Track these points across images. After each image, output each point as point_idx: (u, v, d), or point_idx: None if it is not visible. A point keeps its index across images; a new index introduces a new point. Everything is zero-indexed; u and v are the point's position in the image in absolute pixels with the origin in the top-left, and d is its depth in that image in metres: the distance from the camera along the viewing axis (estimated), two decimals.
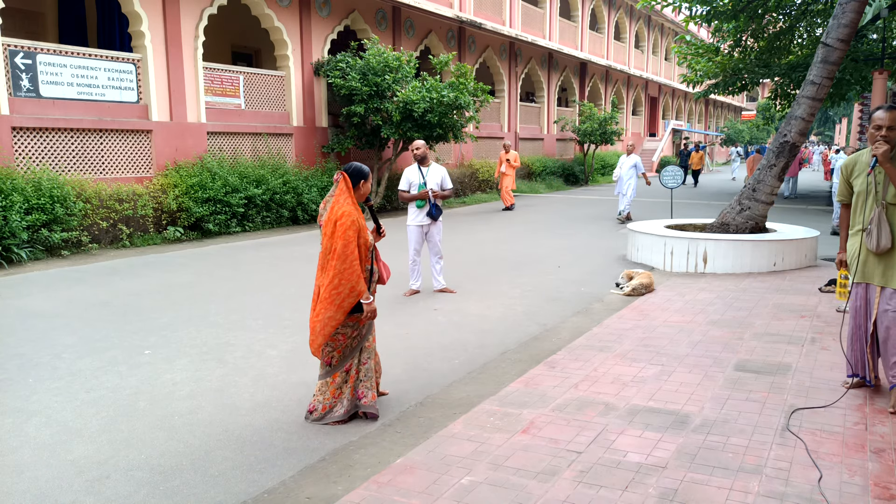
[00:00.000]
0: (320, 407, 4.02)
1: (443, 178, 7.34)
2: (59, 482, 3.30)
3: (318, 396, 4.04)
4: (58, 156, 10.66)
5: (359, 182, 4.04)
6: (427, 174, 7.28)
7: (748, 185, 9.24)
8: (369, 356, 4.10)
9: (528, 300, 7.15)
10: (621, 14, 32.73)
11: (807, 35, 18.88)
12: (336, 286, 3.80)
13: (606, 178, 28.03)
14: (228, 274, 8.62)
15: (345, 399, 4.03)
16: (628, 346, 5.38)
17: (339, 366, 4.02)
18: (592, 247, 10.86)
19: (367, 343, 4.08)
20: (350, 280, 3.80)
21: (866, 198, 4.10)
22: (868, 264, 4.14)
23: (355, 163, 4.10)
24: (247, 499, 3.17)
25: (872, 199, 4.07)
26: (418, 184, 7.23)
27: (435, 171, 7.31)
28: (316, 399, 4.05)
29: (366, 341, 4.08)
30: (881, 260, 4.07)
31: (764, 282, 7.89)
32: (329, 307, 3.82)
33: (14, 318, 6.41)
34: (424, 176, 7.26)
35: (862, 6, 8.11)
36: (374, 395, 4.11)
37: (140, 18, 11.60)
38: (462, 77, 14.89)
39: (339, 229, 3.82)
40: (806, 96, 8.55)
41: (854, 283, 4.26)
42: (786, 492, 3.08)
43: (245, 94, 13.76)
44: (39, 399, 4.37)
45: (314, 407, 4.04)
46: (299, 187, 13.40)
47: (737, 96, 29.69)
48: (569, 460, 3.42)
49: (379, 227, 4.27)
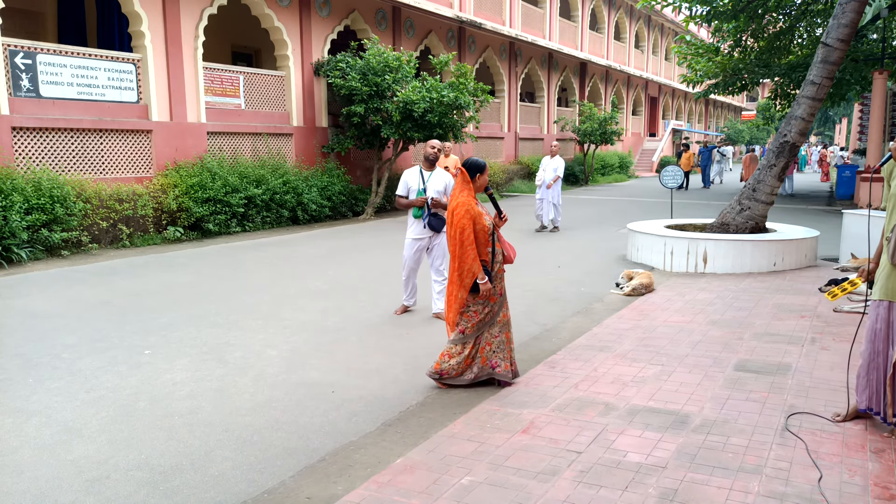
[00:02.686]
0: (453, 372, 4.48)
1: (446, 185, 6.30)
2: (59, 482, 3.30)
3: (449, 362, 4.48)
4: (58, 156, 10.66)
5: (475, 175, 4.49)
6: (429, 179, 6.30)
7: (748, 185, 9.24)
8: (501, 330, 4.52)
9: (528, 300, 7.14)
10: (621, 14, 32.74)
11: (807, 35, 18.89)
12: (457, 268, 4.39)
13: (606, 178, 28.05)
14: (228, 274, 8.62)
15: (475, 367, 4.51)
16: (628, 346, 5.38)
17: (471, 336, 4.47)
18: (592, 247, 10.86)
19: (499, 318, 4.52)
20: (466, 262, 4.34)
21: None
22: (891, 279, 3.51)
23: (472, 157, 4.55)
24: (247, 499, 3.17)
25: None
26: (417, 189, 6.29)
27: (438, 177, 6.32)
28: (448, 364, 4.48)
29: (498, 317, 4.51)
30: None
31: (764, 282, 7.89)
32: (454, 285, 4.43)
33: (14, 318, 6.41)
34: (425, 181, 6.31)
35: (862, 6, 8.11)
36: (507, 366, 4.51)
37: (140, 18, 11.59)
38: (462, 77, 14.88)
39: (455, 218, 4.36)
40: (806, 96, 8.55)
41: (875, 301, 3.63)
42: (786, 492, 3.08)
43: (245, 94, 13.76)
44: (39, 399, 4.37)
45: (445, 371, 4.48)
46: (299, 187, 13.40)
47: (737, 96, 29.53)
48: (569, 460, 3.42)
49: (500, 213, 4.62)
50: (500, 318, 4.53)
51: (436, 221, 6.23)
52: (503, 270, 4.58)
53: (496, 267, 4.48)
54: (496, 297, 4.49)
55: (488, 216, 4.52)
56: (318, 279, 8.23)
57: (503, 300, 4.55)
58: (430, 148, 6.38)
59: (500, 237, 4.56)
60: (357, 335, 5.85)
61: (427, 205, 6.23)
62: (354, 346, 5.52)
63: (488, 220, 4.48)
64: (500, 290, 4.53)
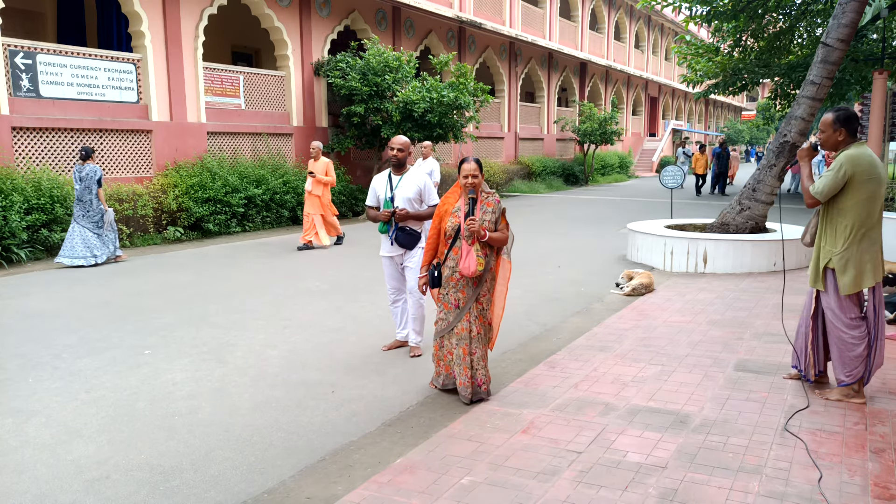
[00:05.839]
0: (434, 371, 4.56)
1: (420, 189, 5.09)
2: (59, 482, 3.30)
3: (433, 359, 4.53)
4: (58, 156, 10.66)
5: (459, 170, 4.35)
6: (397, 185, 5.12)
7: (748, 185, 9.25)
8: (458, 343, 4.24)
9: (528, 300, 7.14)
10: (621, 14, 32.73)
11: (807, 35, 18.87)
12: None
13: (606, 178, 28.06)
14: (228, 274, 8.62)
15: (442, 374, 4.45)
16: (628, 346, 5.38)
17: (435, 336, 4.42)
18: (592, 247, 10.86)
19: (456, 330, 4.27)
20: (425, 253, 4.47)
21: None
22: (811, 267, 4.24)
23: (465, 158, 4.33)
24: (247, 499, 3.17)
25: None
26: (384, 198, 5.17)
27: (409, 181, 5.11)
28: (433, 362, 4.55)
29: (455, 328, 4.27)
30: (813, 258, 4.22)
31: (764, 282, 7.89)
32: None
33: (14, 318, 6.41)
34: (393, 187, 5.13)
35: (862, 6, 8.10)
36: (462, 382, 4.24)
37: (140, 18, 11.59)
38: (462, 77, 14.89)
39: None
40: (806, 96, 8.55)
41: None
42: (786, 492, 3.08)
43: (245, 94, 13.76)
44: (39, 399, 4.37)
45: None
46: (299, 187, 13.39)
47: (737, 96, 29.46)
48: (569, 460, 3.42)
49: (466, 216, 4.20)
50: (459, 330, 4.22)
51: (404, 237, 5.07)
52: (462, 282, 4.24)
53: (447, 272, 4.28)
54: (449, 304, 4.27)
55: (455, 217, 4.26)
56: (318, 279, 8.23)
57: (460, 313, 4.22)
58: (389, 150, 5.19)
59: (467, 245, 4.15)
60: (357, 335, 5.85)
61: (392, 218, 5.08)
62: (354, 346, 5.52)
63: (452, 222, 4.26)
64: (455, 300, 4.25)
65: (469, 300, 4.24)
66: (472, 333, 4.23)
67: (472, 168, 4.21)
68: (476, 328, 4.23)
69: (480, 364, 4.24)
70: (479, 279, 4.25)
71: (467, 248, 4.15)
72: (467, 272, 4.13)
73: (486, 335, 4.33)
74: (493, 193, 4.36)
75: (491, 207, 4.27)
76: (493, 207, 4.28)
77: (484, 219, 4.22)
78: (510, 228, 4.37)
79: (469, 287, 4.25)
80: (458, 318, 4.24)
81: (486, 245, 4.23)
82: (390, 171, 5.23)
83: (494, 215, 4.27)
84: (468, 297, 4.24)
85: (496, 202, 4.30)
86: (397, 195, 5.08)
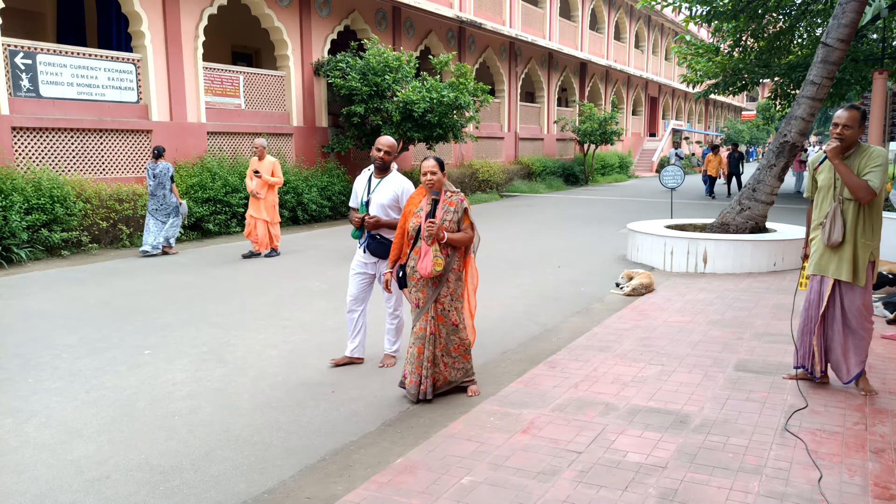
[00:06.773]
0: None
1: (398, 196, 4.78)
2: (59, 482, 3.30)
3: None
4: (58, 156, 10.66)
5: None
6: (375, 189, 4.83)
7: (748, 185, 9.25)
8: (414, 342, 4.27)
9: (528, 300, 7.14)
10: (621, 14, 32.74)
11: (807, 35, 18.87)
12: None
13: (606, 178, 28.06)
14: (228, 274, 8.62)
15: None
16: (628, 346, 5.38)
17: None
18: (592, 247, 10.86)
19: (415, 328, 4.28)
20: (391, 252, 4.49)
21: (826, 193, 4.26)
22: (823, 257, 4.27)
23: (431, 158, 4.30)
24: (247, 499, 3.17)
25: (831, 194, 4.22)
26: (362, 202, 4.92)
27: (387, 186, 4.81)
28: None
29: (415, 327, 4.28)
30: (834, 253, 4.21)
31: (764, 282, 7.89)
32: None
33: (14, 318, 6.41)
34: (371, 190, 4.86)
35: (862, 6, 8.10)
36: (412, 381, 4.27)
37: (140, 18, 11.60)
38: (462, 77, 14.88)
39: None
40: (806, 96, 8.55)
41: (811, 276, 4.41)
42: (786, 492, 3.08)
43: (245, 93, 13.77)
44: (39, 399, 4.37)
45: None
46: (299, 187, 13.40)
47: (737, 96, 29.47)
48: (569, 460, 3.42)
49: (427, 216, 4.18)
50: (417, 329, 4.26)
51: (375, 245, 4.81)
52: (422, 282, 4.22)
53: (409, 271, 4.29)
54: (412, 303, 4.30)
55: (416, 217, 4.25)
56: (318, 279, 8.23)
57: (420, 312, 4.25)
58: (375, 150, 4.84)
59: (426, 245, 4.15)
60: None
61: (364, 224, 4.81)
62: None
63: (413, 223, 4.26)
64: (415, 300, 4.26)
65: (428, 300, 4.23)
66: (427, 333, 4.23)
67: (431, 165, 4.19)
68: (432, 328, 4.23)
69: (427, 365, 4.25)
70: (440, 279, 4.22)
71: (426, 248, 4.16)
72: (424, 272, 4.14)
73: (451, 336, 4.30)
74: (457, 192, 4.33)
75: (453, 207, 4.25)
76: (456, 207, 4.25)
77: (445, 218, 4.19)
78: (475, 228, 4.33)
79: (429, 287, 4.23)
80: (418, 317, 4.26)
81: (448, 245, 4.21)
82: (372, 172, 4.96)
83: (457, 215, 4.24)
84: (427, 297, 4.24)
85: (459, 201, 4.27)
86: (373, 200, 4.82)
